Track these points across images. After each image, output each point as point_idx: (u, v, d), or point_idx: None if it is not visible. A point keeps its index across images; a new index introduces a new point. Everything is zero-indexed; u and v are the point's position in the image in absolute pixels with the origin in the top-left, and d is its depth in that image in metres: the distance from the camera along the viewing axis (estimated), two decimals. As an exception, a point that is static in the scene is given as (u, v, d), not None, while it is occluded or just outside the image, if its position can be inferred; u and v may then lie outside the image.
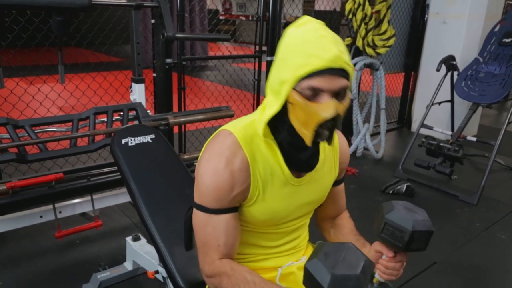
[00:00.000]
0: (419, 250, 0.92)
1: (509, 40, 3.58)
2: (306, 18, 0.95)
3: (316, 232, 1.33)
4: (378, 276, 0.97)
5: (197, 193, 1.01)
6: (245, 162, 0.98)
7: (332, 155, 1.13)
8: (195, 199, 1.01)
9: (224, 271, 0.99)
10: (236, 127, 1.01)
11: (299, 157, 1.01)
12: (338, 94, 0.91)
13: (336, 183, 1.19)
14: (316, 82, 0.88)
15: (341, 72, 0.89)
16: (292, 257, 1.17)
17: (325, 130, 0.92)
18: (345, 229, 1.21)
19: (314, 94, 0.90)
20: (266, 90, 0.99)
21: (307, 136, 0.93)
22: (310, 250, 1.24)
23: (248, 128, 1.01)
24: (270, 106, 0.96)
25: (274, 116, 0.96)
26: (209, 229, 1.00)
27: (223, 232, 0.99)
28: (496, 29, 3.74)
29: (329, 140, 0.94)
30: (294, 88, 0.91)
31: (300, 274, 1.09)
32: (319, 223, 1.30)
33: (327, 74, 0.88)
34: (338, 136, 1.16)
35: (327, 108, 0.89)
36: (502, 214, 2.94)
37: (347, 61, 0.90)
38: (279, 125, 0.99)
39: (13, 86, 2.72)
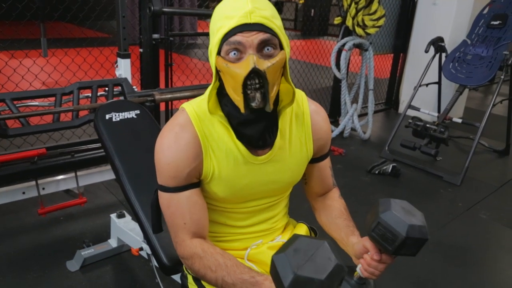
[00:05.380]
0: (408, 255, 0.86)
1: (497, 22, 3.58)
2: None
3: (303, 210, 1.32)
4: (359, 271, 0.92)
5: (157, 173, 1.00)
6: (195, 138, 0.96)
7: (302, 131, 1.06)
8: (157, 180, 1.00)
9: (195, 252, 0.97)
10: (191, 103, 1.00)
11: (247, 132, 0.96)
12: (262, 51, 0.88)
13: (317, 159, 1.13)
14: (236, 40, 0.86)
15: (260, 27, 0.86)
16: (264, 238, 1.13)
17: (254, 92, 0.88)
18: (334, 212, 1.13)
19: (238, 58, 0.88)
20: None
21: (239, 102, 0.89)
22: (290, 229, 1.20)
23: (203, 103, 0.98)
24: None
25: (219, 90, 0.96)
26: (173, 208, 0.99)
27: (186, 209, 0.98)
28: (485, 11, 3.74)
29: (265, 104, 0.89)
30: (219, 55, 0.89)
31: (269, 254, 1.05)
32: (310, 201, 1.24)
33: (243, 31, 0.86)
34: (310, 110, 1.08)
35: (244, 64, 0.86)
36: (484, 195, 3.00)
37: (265, 16, 0.87)
38: (223, 99, 0.97)
39: (-7, 59, 2.64)
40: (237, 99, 0.89)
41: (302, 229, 1.22)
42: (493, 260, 2.28)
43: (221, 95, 0.97)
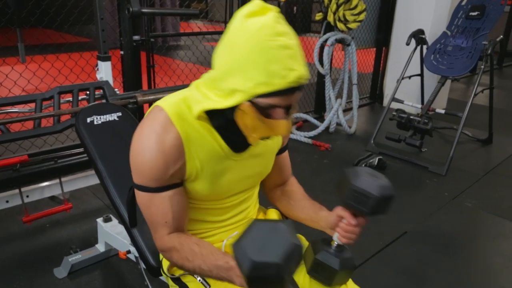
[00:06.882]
0: (382, 214, 0.94)
1: (475, 13, 3.64)
2: (260, 5, 0.85)
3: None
4: (336, 239, 0.99)
5: (134, 173, 0.97)
6: (178, 139, 0.93)
7: None
8: (134, 179, 0.98)
9: (173, 246, 0.99)
10: (168, 102, 0.96)
11: (236, 139, 0.97)
12: (290, 106, 0.90)
13: (280, 151, 1.18)
14: (275, 101, 0.85)
15: (299, 88, 0.87)
16: (239, 229, 1.16)
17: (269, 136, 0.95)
18: (297, 195, 1.20)
19: (269, 109, 0.88)
20: (213, 75, 0.90)
21: (253, 139, 0.94)
22: (261, 216, 1.27)
23: (181, 103, 0.96)
24: (212, 99, 0.89)
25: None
26: (154, 208, 0.98)
27: (168, 208, 0.97)
28: (463, 2, 3.79)
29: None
30: (250, 101, 0.86)
31: None
32: (267, 193, 1.28)
33: (288, 93, 0.85)
34: None
35: (281, 127, 0.90)
36: (469, 184, 3.04)
37: (307, 76, 0.88)
38: (219, 117, 0.93)
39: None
40: (253, 136, 0.93)
41: (274, 214, 1.27)
42: (479, 247, 2.32)
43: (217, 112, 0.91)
